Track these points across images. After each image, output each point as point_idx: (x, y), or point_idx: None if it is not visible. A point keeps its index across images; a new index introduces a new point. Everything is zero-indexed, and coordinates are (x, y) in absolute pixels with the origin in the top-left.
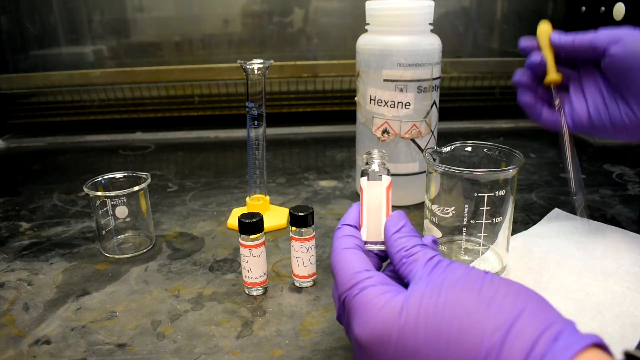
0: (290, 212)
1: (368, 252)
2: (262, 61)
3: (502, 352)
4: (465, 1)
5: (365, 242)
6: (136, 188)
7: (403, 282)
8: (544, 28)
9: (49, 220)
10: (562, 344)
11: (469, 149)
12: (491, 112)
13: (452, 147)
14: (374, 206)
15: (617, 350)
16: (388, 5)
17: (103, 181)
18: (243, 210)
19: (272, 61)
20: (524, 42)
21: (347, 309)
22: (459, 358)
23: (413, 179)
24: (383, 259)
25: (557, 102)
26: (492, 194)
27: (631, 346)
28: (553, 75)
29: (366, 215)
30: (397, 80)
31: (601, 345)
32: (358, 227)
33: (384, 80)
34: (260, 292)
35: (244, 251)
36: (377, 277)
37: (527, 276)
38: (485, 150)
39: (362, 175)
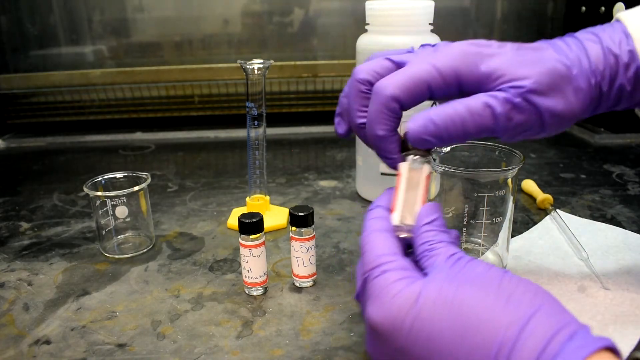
0: (290, 212)
1: (397, 236)
2: (262, 61)
3: (515, 347)
4: (465, 1)
5: (395, 227)
6: (136, 188)
7: (424, 272)
8: None
9: (49, 220)
10: (575, 345)
11: (469, 149)
12: None
13: (452, 147)
14: (410, 193)
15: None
16: (388, 5)
17: (103, 181)
18: (243, 210)
19: (272, 61)
20: None
21: (366, 290)
22: (473, 350)
23: None
24: (410, 246)
25: None
26: (492, 194)
27: (630, 346)
28: None
29: (401, 200)
30: None
31: (613, 349)
32: (390, 211)
33: None
34: (260, 292)
35: (244, 251)
36: (399, 262)
37: (527, 277)
38: (485, 150)
39: (401, 160)
